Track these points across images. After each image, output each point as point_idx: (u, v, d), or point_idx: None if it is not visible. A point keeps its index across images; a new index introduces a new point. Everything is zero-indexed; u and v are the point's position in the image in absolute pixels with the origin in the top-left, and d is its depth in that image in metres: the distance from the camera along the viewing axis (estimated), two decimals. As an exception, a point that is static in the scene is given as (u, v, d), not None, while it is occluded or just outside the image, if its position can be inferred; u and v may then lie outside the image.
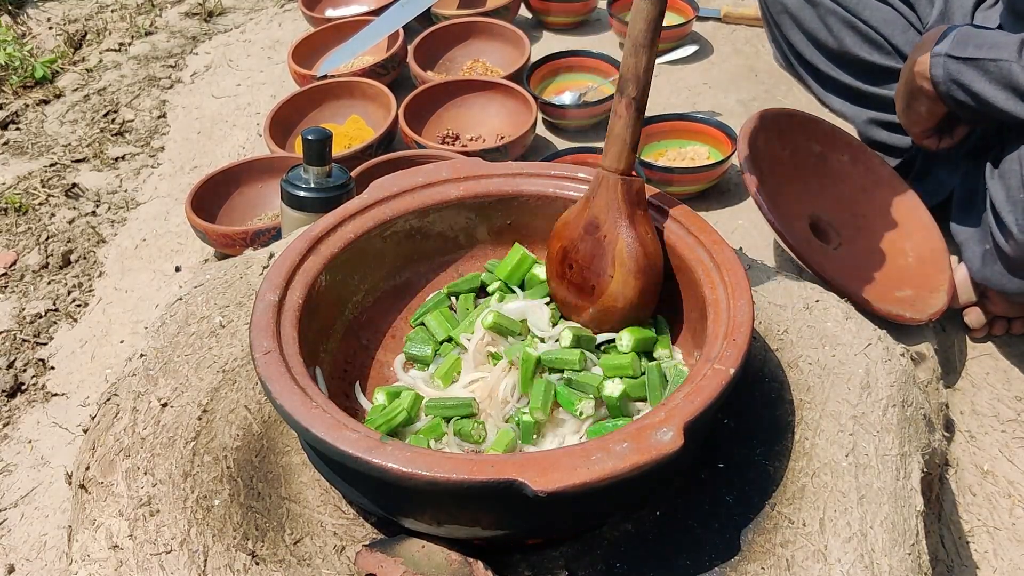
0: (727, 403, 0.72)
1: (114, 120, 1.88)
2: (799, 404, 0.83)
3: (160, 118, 1.89)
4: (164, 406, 0.83)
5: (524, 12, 2.10)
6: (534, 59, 1.81)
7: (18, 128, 1.87)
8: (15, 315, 1.41)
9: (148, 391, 0.85)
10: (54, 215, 1.62)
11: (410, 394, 0.82)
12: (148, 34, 2.21)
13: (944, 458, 1.10)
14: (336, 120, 1.70)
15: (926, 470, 0.82)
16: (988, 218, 1.14)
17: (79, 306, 1.43)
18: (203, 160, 1.75)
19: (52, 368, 1.33)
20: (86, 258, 1.53)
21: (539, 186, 0.93)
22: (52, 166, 1.74)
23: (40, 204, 1.64)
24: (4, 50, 1.99)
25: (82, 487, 0.78)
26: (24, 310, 1.41)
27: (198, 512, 0.75)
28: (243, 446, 0.81)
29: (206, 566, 0.71)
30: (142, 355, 0.89)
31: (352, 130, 1.66)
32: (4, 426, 1.24)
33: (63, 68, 2.06)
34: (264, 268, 0.99)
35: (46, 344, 1.37)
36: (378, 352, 0.91)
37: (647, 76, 0.81)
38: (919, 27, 1.31)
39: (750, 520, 0.74)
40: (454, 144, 1.65)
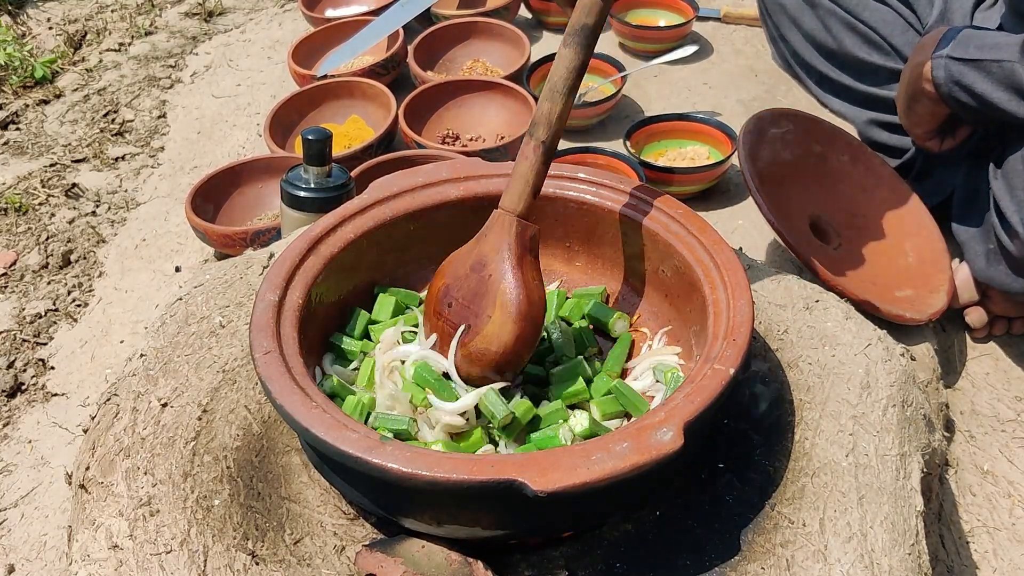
0: (727, 403, 0.72)
1: (114, 120, 1.88)
2: (799, 404, 0.83)
3: (160, 118, 1.89)
4: (164, 406, 0.83)
5: (524, 12, 2.10)
6: (534, 59, 1.81)
7: (18, 128, 1.87)
8: (15, 315, 1.40)
9: (148, 391, 0.85)
10: (54, 215, 1.62)
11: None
12: (148, 34, 2.21)
13: (944, 458, 1.10)
14: (336, 120, 1.70)
15: (926, 470, 0.82)
16: (992, 218, 1.14)
17: (79, 306, 1.43)
18: (203, 160, 1.75)
19: (52, 368, 1.33)
20: (86, 258, 1.53)
21: (539, 186, 0.93)
22: (52, 166, 1.74)
23: (40, 204, 1.64)
24: (4, 50, 1.99)
25: (82, 487, 0.78)
26: (24, 310, 1.41)
27: (198, 512, 0.75)
28: (243, 446, 0.81)
29: (206, 566, 0.71)
30: (142, 355, 0.89)
31: (352, 130, 1.66)
32: (4, 426, 1.24)
33: (63, 68, 2.06)
34: (264, 268, 0.99)
35: (46, 344, 1.37)
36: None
37: (560, 123, 0.78)
38: (919, 28, 1.31)
39: (750, 520, 0.74)
40: (454, 144, 1.65)
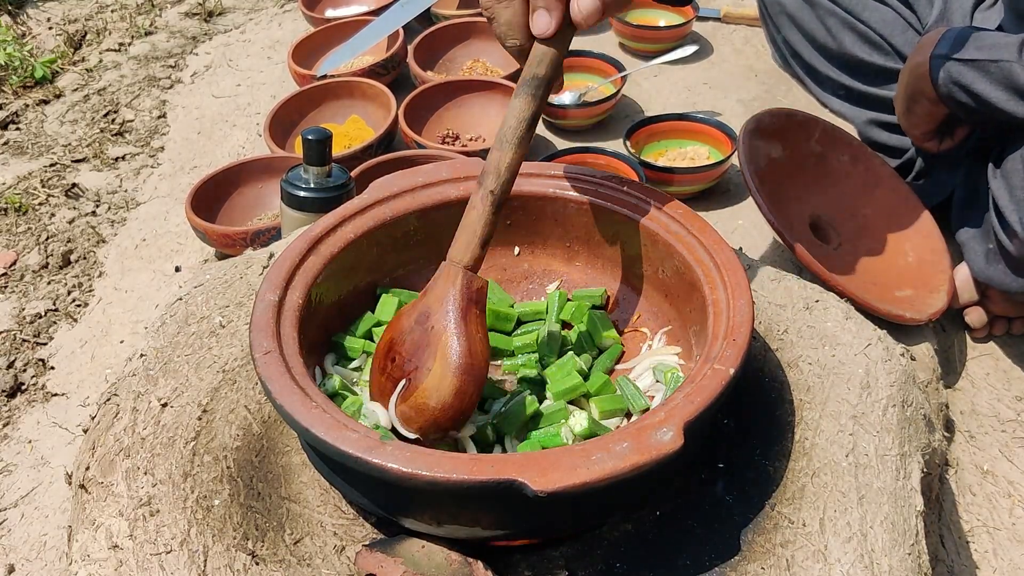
0: (727, 403, 0.72)
1: (114, 120, 1.88)
2: (799, 404, 0.83)
3: (160, 118, 1.89)
4: (164, 406, 0.83)
5: (524, 12, 2.10)
6: (534, 59, 1.81)
7: (18, 128, 1.87)
8: (15, 315, 1.40)
9: (148, 391, 0.85)
10: (54, 215, 1.62)
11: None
12: (148, 34, 2.21)
13: (944, 458, 1.10)
14: (336, 120, 1.70)
15: (926, 470, 0.82)
16: (991, 218, 1.14)
17: (79, 306, 1.43)
18: (203, 160, 1.75)
19: (52, 368, 1.33)
20: (86, 258, 1.53)
21: (539, 186, 0.93)
22: (52, 166, 1.74)
23: (40, 204, 1.64)
24: (4, 50, 1.99)
25: (82, 487, 0.78)
26: (24, 310, 1.41)
27: (198, 512, 0.75)
28: (243, 446, 0.81)
29: (206, 566, 0.71)
30: (142, 355, 0.89)
31: (352, 130, 1.66)
32: (4, 426, 1.24)
33: (63, 68, 2.06)
34: (264, 268, 0.99)
35: (46, 344, 1.37)
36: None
37: (509, 173, 0.76)
38: (918, 28, 1.31)
39: (750, 520, 0.74)
40: (454, 144, 1.65)
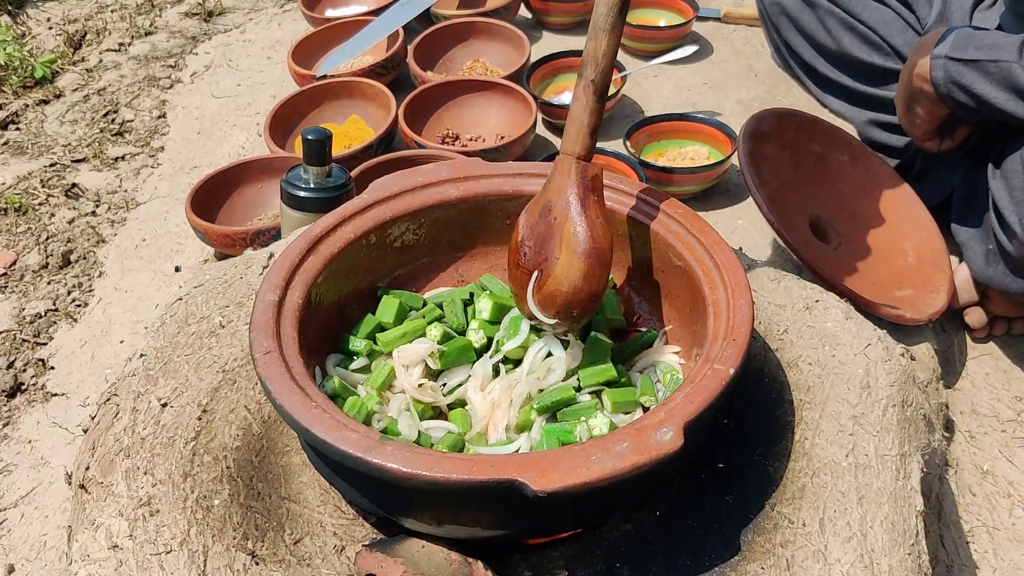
0: (727, 403, 0.72)
1: (114, 120, 1.88)
2: (799, 404, 0.83)
3: (160, 118, 1.89)
4: (164, 406, 0.83)
5: (524, 12, 2.10)
6: (534, 59, 1.81)
7: (18, 128, 1.87)
8: (15, 315, 1.40)
9: (148, 391, 0.85)
10: (54, 215, 1.61)
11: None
12: (148, 34, 2.21)
13: (944, 458, 1.10)
14: (336, 120, 1.70)
15: (926, 470, 0.82)
16: (990, 218, 1.14)
17: (79, 306, 1.43)
18: (203, 160, 1.75)
19: (52, 368, 1.33)
20: (86, 258, 1.53)
21: (539, 186, 0.92)
22: (52, 166, 1.74)
23: (40, 204, 1.64)
24: (4, 50, 1.99)
25: (82, 487, 0.78)
26: (24, 310, 1.41)
27: (198, 512, 0.75)
28: (243, 446, 0.81)
29: (206, 566, 0.71)
30: (142, 355, 0.89)
31: (352, 130, 1.66)
32: (4, 426, 1.24)
33: (63, 68, 2.06)
34: (264, 268, 0.99)
35: (46, 344, 1.37)
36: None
37: (607, 60, 0.80)
38: (918, 28, 1.31)
39: (750, 520, 0.74)
40: (454, 144, 1.65)
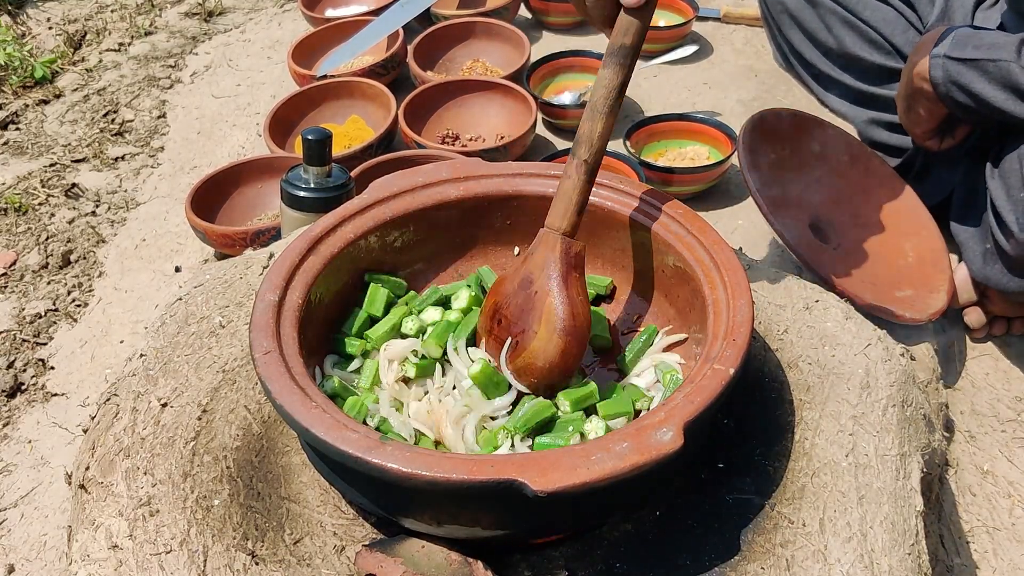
0: (727, 403, 0.72)
1: (114, 120, 1.88)
2: (799, 404, 0.83)
3: (160, 118, 1.89)
4: (164, 406, 0.83)
5: (524, 12, 2.10)
6: (534, 59, 1.81)
7: (18, 128, 1.87)
8: (15, 315, 1.40)
9: (148, 391, 0.85)
10: (54, 215, 1.62)
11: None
12: (148, 34, 2.21)
13: (944, 458, 1.09)
14: (336, 120, 1.70)
15: (926, 470, 0.82)
16: (988, 217, 1.14)
17: (79, 306, 1.43)
18: (203, 160, 1.75)
19: (52, 368, 1.33)
20: (86, 258, 1.53)
21: (539, 186, 0.93)
22: (52, 166, 1.74)
23: (40, 204, 1.64)
24: (4, 50, 1.99)
25: (82, 487, 0.78)
26: (24, 310, 1.41)
27: (198, 512, 0.75)
28: (243, 446, 0.81)
29: (206, 566, 0.71)
30: (142, 355, 0.89)
31: (352, 130, 1.66)
32: (4, 426, 1.24)
33: (63, 68, 2.06)
34: (264, 268, 0.99)
35: (46, 344, 1.37)
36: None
37: (601, 142, 0.80)
38: (919, 27, 1.31)
39: (750, 520, 0.74)
40: (454, 144, 1.65)
